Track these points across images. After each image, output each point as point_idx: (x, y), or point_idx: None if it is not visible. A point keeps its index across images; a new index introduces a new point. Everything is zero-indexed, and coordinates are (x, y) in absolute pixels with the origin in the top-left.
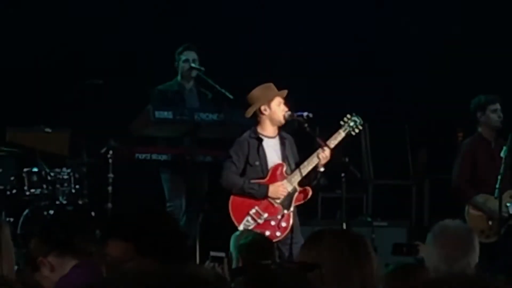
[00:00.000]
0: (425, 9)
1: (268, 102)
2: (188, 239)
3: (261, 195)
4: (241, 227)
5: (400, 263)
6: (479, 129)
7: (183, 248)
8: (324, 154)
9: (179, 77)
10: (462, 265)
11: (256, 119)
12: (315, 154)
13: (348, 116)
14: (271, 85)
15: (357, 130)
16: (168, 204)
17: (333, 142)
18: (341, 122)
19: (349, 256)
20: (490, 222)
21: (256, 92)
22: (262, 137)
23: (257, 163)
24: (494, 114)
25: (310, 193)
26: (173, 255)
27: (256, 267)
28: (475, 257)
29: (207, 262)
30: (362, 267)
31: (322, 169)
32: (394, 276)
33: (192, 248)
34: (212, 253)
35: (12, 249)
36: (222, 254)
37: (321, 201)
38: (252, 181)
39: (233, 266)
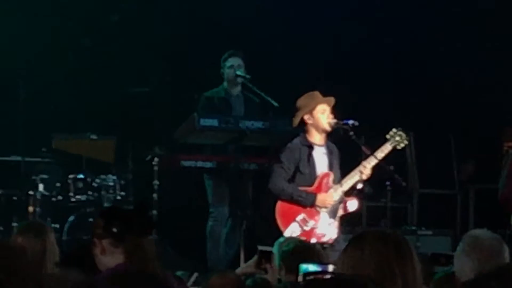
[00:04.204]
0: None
1: (311, 111)
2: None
3: (309, 203)
4: (287, 233)
5: (447, 271)
6: None
7: None
8: (365, 172)
9: (225, 83)
10: None
11: (303, 127)
12: (356, 170)
13: (394, 130)
14: (316, 93)
15: (402, 145)
16: (211, 210)
17: (380, 154)
18: (387, 136)
19: (392, 255)
20: None
21: (300, 101)
22: (313, 145)
23: (307, 171)
24: None
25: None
26: None
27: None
28: None
29: (254, 257)
30: (404, 267)
31: (360, 186)
32: (441, 282)
33: (236, 256)
34: (260, 247)
35: (56, 252)
36: (270, 249)
37: (366, 209)
38: (300, 188)
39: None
